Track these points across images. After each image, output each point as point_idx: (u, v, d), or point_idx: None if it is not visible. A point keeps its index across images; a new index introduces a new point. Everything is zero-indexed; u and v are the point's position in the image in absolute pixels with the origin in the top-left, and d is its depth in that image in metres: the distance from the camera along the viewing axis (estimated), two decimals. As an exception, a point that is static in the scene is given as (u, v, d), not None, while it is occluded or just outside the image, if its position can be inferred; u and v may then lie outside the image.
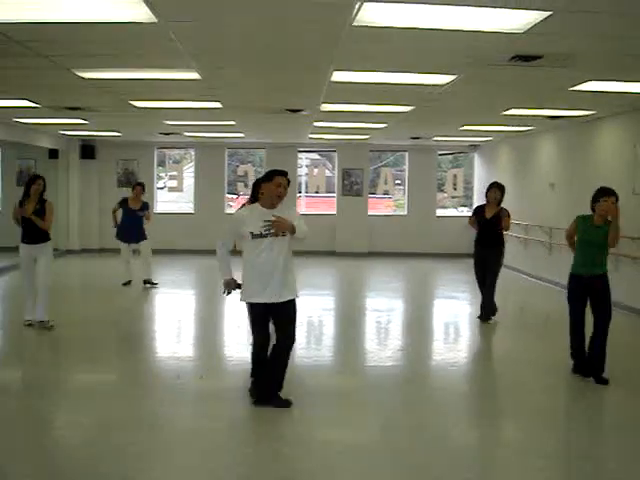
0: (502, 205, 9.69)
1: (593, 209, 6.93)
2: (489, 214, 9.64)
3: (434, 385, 7.14)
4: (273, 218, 5.71)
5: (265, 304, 5.87)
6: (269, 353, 6.05)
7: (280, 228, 5.72)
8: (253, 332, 6.19)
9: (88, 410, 5.97)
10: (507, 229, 9.74)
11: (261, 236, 5.78)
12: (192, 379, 7.05)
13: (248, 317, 6.43)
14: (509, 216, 9.65)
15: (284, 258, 5.85)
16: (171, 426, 5.66)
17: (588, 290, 6.86)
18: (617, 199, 6.79)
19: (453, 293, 13.12)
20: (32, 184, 8.68)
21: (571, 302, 7.02)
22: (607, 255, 6.93)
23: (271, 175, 5.93)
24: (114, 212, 12.64)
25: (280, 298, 5.85)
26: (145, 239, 12.57)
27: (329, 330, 9.47)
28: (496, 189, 9.68)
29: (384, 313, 11.03)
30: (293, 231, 5.76)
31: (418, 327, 10.14)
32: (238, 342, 8.83)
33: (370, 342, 9.23)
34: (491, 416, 6.17)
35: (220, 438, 5.35)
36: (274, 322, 6.03)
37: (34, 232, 8.64)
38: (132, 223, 12.46)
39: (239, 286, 6.00)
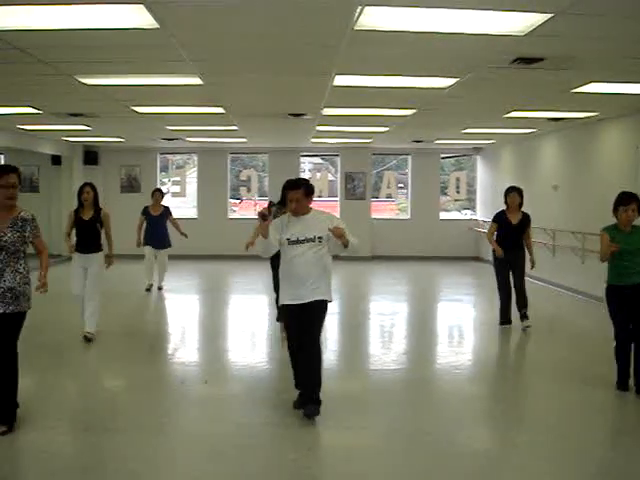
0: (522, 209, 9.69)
1: (616, 216, 6.57)
2: (514, 219, 9.51)
3: (439, 389, 7.12)
4: (333, 227, 5.75)
5: (297, 305, 5.86)
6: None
7: (338, 234, 5.74)
8: (288, 335, 6.13)
9: (93, 414, 5.98)
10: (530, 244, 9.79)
11: (298, 242, 5.82)
12: (197, 384, 7.05)
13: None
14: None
15: (318, 264, 5.88)
16: (176, 431, 5.67)
17: (629, 300, 6.50)
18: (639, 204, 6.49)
19: (457, 296, 13.10)
20: (81, 193, 8.61)
21: (615, 315, 6.60)
22: None
23: (283, 189, 6.00)
24: (139, 227, 12.67)
25: (309, 299, 5.84)
26: (167, 247, 12.82)
27: (333, 334, 9.44)
28: (515, 193, 9.59)
29: (388, 317, 11.01)
30: (346, 244, 5.86)
31: (423, 330, 10.12)
32: (243, 347, 8.85)
33: (374, 346, 9.23)
34: (496, 420, 6.15)
35: (224, 443, 5.34)
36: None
37: (88, 241, 8.60)
38: (155, 230, 12.66)
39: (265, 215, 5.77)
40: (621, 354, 6.63)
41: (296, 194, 5.79)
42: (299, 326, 5.91)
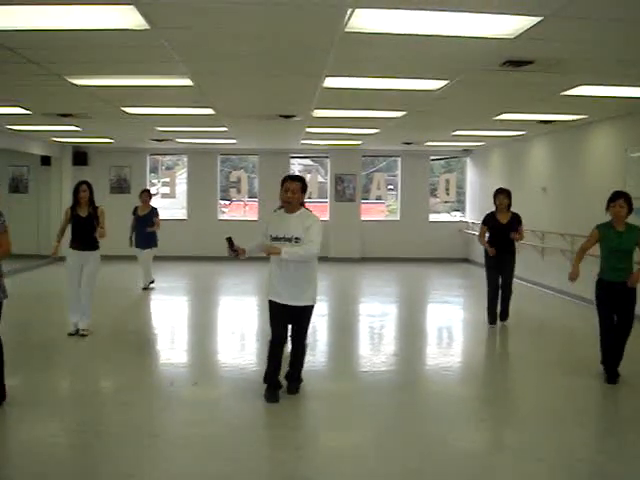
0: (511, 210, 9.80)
1: (610, 214, 7.03)
2: (504, 220, 9.68)
3: (428, 390, 7.13)
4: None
5: (282, 304, 6.17)
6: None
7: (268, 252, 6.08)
8: (271, 330, 6.35)
9: (83, 417, 5.95)
10: (522, 238, 9.87)
11: (277, 239, 6.11)
12: (186, 385, 7.04)
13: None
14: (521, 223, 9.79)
15: (300, 265, 6.10)
16: (166, 432, 5.66)
17: (618, 295, 6.91)
18: (629, 201, 6.91)
19: (446, 298, 13.13)
20: (78, 192, 8.62)
21: (601, 307, 7.03)
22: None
23: (282, 181, 6.27)
24: (132, 227, 12.86)
25: (296, 302, 6.20)
26: (150, 247, 12.85)
27: (323, 335, 9.46)
28: (503, 195, 9.76)
29: (378, 318, 11.02)
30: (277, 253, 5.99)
31: (412, 332, 10.13)
32: (233, 348, 8.84)
33: (364, 347, 9.23)
34: (486, 420, 6.17)
35: (215, 444, 5.33)
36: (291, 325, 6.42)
37: (84, 238, 8.62)
38: (140, 230, 12.76)
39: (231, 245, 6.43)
40: (605, 345, 7.00)
41: (292, 184, 6.19)
42: (283, 323, 6.27)
